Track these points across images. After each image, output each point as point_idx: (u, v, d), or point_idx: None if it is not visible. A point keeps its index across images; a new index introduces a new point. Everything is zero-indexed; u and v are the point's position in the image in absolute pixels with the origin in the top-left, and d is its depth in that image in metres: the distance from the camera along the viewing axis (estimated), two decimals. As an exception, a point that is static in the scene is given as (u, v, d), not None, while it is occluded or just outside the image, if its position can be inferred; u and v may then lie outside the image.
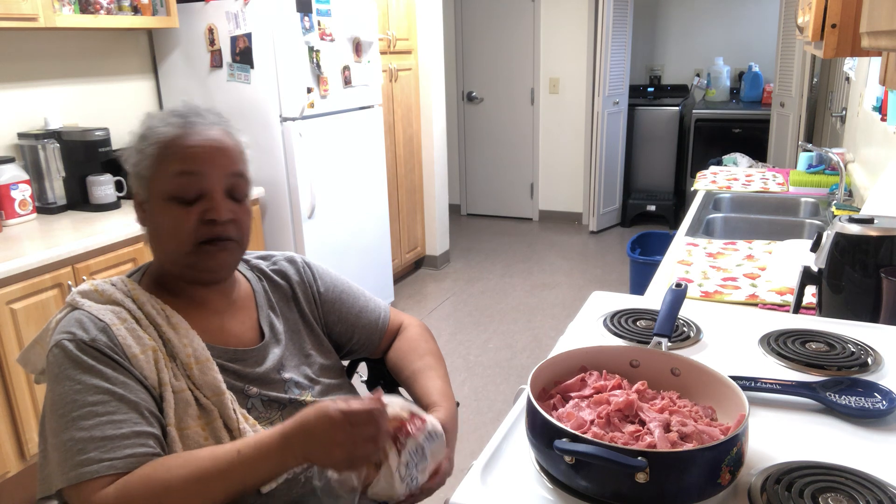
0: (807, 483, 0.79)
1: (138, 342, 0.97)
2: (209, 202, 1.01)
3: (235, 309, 1.12)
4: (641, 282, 3.18)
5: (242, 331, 1.11)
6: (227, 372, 1.04)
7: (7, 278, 2.00)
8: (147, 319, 1.01)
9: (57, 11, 2.37)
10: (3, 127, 2.58)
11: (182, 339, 1.01)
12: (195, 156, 1.00)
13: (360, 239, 3.50)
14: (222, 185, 1.02)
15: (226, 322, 1.10)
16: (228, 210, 1.02)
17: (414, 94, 4.19)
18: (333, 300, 1.24)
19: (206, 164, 1.01)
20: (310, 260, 1.28)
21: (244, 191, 1.07)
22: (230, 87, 2.99)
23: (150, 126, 1.03)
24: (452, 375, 3.14)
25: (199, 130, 1.02)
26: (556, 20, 5.31)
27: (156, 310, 1.02)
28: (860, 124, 2.89)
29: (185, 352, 1.00)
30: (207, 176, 1.01)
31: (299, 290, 1.21)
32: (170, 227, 1.02)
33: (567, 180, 5.64)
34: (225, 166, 1.03)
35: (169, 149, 1.00)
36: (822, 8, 1.28)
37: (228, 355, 1.06)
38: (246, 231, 1.08)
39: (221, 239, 1.03)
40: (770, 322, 1.28)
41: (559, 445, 0.77)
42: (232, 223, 1.03)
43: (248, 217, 1.08)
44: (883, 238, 1.28)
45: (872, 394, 0.99)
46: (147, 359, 0.97)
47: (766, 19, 5.42)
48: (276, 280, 1.21)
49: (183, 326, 1.02)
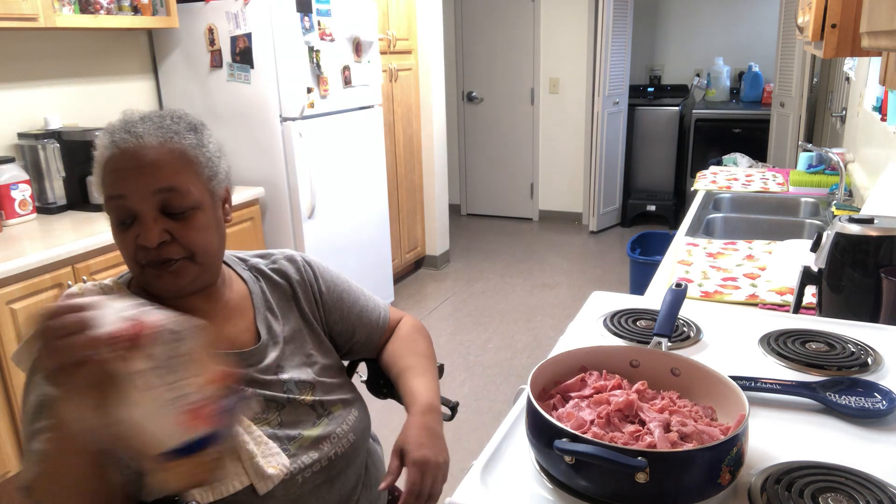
0: (807, 483, 0.79)
1: None
2: (140, 226, 0.95)
3: (228, 313, 1.09)
4: (641, 282, 3.18)
5: (237, 333, 1.09)
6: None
7: (7, 278, 2.00)
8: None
9: (57, 11, 2.37)
10: (3, 127, 2.58)
11: None
12: (118, 179, 0.95)
13: (360, 239, 3.50)
14: (152, 205, 0.95)
15: (218, 326, 1.07)
16: (161, 232, 0.95)
17: (414, 94, 4.19)
18: (335, 299, 1.23)
19: (129, 185, 0.94)
20: (310, 258, 1.26)
21: (183, 204, 0.97)
22: (230, 87, 2.99)
23: (95, 145, 0.99)
24: (452, 375, 3.14)
25: (125, 148, 0.95)
26: (556, 20, 5.31)
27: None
28: (860, 124, 2.89)
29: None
30: (130, 197, 0.94)
31: (300, 289, 1.20)
32: (119, 249, 1.00)
33: (567, 180, 5.64)
34: (150, 184, 0.94)
35: (102, 173, 0.97)
36: (822, 8, 1.28)
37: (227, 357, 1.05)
38: (200, 248, 0.99)
39: (161, 262, 0.97)
40: (770, 322, 1.28)
41: (559, 445, 0.77)
42: (170, 244, 0.97)
43: (196, 233, 0.98)
44: (883, 238, 1.28)
45: (872, 394, 0.99)
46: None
47: (766, 19, 5.42)
48: (276, 280, 1.19)
49: None
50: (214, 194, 1.03)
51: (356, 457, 1.14)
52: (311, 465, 1.04)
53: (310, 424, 1.08)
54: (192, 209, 0.98)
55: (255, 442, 0.99)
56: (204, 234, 1.00)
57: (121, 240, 0.98)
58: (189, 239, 0.98)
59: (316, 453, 1.05)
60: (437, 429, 1.09)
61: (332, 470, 1.08)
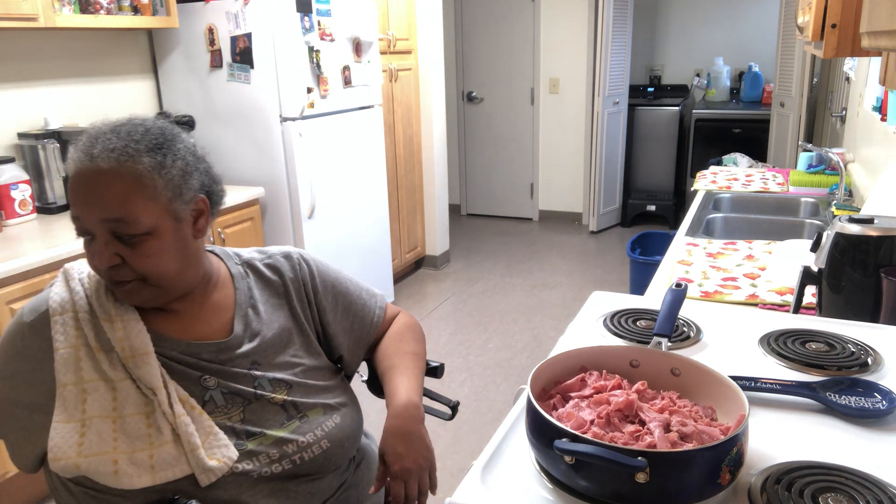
0: (807, 483, 0.79)
1: (66, 337, 1.00)
2: (95, 246, 0.98)
3: (207, 311, 1.10)
4: (641, 282, 3.19)
5: (211, 331, 1.09)
6: (180, 363, 1.03)
7: (7, 278, 2.00)
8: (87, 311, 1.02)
9: (57, 11, 2.37)
10: (3, 127, 2.58)
11: (118, 331, 1.01)
12: (74, 200, 0.97)
13: (360, 239, 3.50)
14: (103, 230, 0.96)
15: (193, 324, 1.08)
16: (112, 255, 0.96)
17: (414, 94, 4.19)
18: (329, 299, 1.21)
19: (81, 208, 0.96)
20: (308, 255, 1.24)
21: (131, 232, 0.96)
22: (230, 87, 3.00)
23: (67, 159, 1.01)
24: (452, 375, 3.14)
25: (81, 171, 0.95)
26: (556, 20, 5.31)
27: (100, 301, 1.03)
28: (860, 124, 2.89)
29: (121, 345, 1.00)
30: (85, 220, 0.97)
31: (292, 286, 1.18)
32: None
33: (567, 180, 5.64)
34: (97, 213, 0.95)
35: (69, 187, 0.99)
36: (822, 8, 1.28)
37: (182, 347, 1.05)
38: (152, 272, 0.98)
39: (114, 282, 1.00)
40: (770, 322, 1.28)
41: (559, 445, 0.77)
42: (122, 267, 0.98)
43: (148, 260, 0.98)
44: (883, 238, 1.28)
45: (872, 394, 0.99)
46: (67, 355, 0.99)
47: (766, 19, 5.42)
48: (267, 275, 1.18)
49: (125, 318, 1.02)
50: (177, 215, 1.00)
51: (332, 465, 1.10)
52: (270, 465, 1.02)
53: (277, 425, 1.05)
54: (143, 235, 0.97)
55: (204, 432, 0.99)
56: (156, 260, 0.98)
57: (88, 255, 1.01)
58: (140, 265, 0.98)
59: (277, 454, 1.03)
60: (414, 428, 1.07)
61: (296, 474, 1.05)
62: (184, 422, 0.98)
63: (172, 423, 0.98)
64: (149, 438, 0.96)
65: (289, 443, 1.04)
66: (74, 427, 0.95)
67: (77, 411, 0.96)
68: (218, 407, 1.03)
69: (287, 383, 1.10)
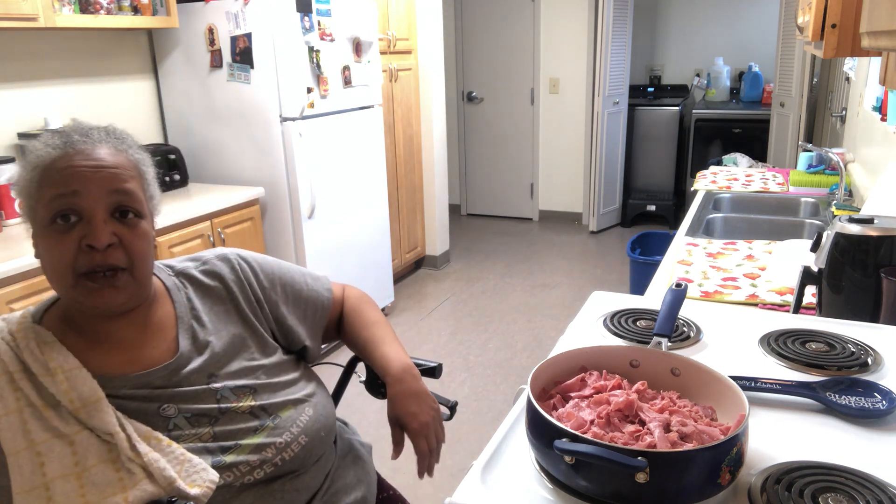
0: (807, 483, 0.79)
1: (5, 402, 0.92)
2: (87, 226, 0.92)
3: (150, 334, 1.05)
4: (641, 282, 3.19)
5: (158, 354, 1.03)
6: (134, 400, 0.98)
7: (7, 278, 2.00)
8: (22, 370, 0.94)
9: (57, 11, 2.37)
10: (3, 127, 2.58)
11: (61, 384, 0.93)
12: (71, 176, 0.93)
13: (360, 239, 3.50)
14: (104, 206, 0.94)
15: (138, 351, 1.02)
16: (110, 233, 0.93)
17: (414, 94, 4.19)
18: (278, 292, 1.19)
19: (82, 182, 0.93)
20: (245, 253, 1.20)
21: (135, 209, 0.96)
22: (230, 87, 3.00)
23: (32, 149, 0.96)
24: (452, 375, 3.14)
25: (81, 150, 0.95)
26: (556, 20, 5.31)
27: (33, 356, 0.95)
28: (860, 124, 2.89)
29: (67, 398, 0.93)
30: (83, 195, 0.92)
31: (236, 288, 1.14)
32: (49, 257, 0.94)
33: (567, 180, 5.64)
34: (107, 184, 0.94)
35: (46, 172, 0.94)
36: (822, 8, 1.28)
37: (132, 382, 0.99)
38: (140, 257, 0.97)
39: (103, 270, 0.94)
40: (770, 322, 1.28)
41: (559, 445, 0.77)
42: (117, 248, 0.94)
43: (141, 241, 0.97)
44: (883, 238, 1.28)
45: (872, 394, 0.99)
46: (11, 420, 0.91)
47: (766, 19, 5.42)
48: (206, 283, 1.13)
49: (65, 369, 0.94)
50: (152, 214, 1.03)
51: (313, 458, 1.09)
52: (252, 472, 1.00)
53: (250, 433, 1.02)
54: (139, 215, 0.98)
55: (177, 461, 0.94)
56: (146, 244, 0.99)
57: (57, 244, 0.93)
58: (134, 245, 0.96)
59: (257, 460, 1.00)
60: (418, 387, 1.14)
61: (279, 474, 1.03)
62: (153, 458, 0.93)
63: (140, 463, 0.93)
64: (121, 482, 0.91)
65: (267, 447, 1.02)
66: (39, 493, 0.89)
67: (37, 476, 0.89)
68: (185, 432, 0.99)
69: (251, 388, 1.07)
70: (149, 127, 3.19)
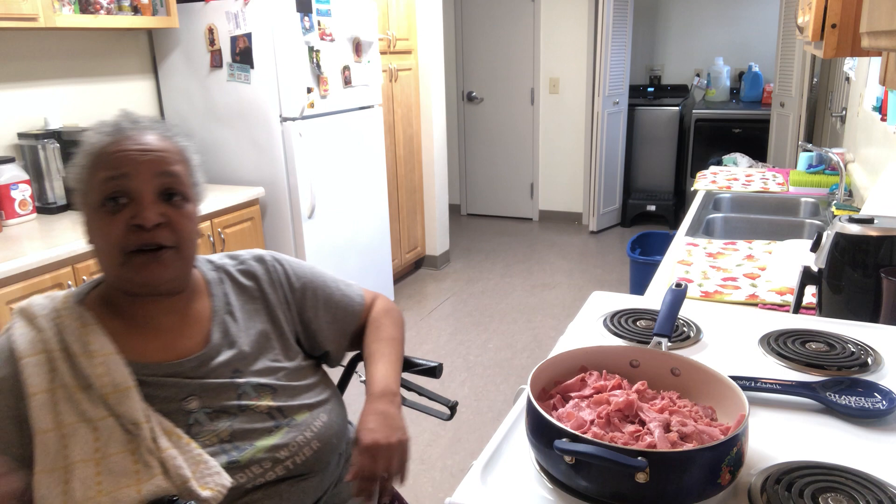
0: (807, 483, 0.79)
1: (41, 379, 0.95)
2: (136, 207, 0.97)
3: (188, 323, 1.08)
4: (641, 282, 3.19)
5: (192, 345, 1.06)
6: (164, 388, 1.00)
7: (7, 278, 2.00)
8: (61, 350, 0.97)
9: (57, 11, 2.37)
10: (3, 127, 2.58)
11: (98, 367, 0.96)
12: (121, 159, 0.97)
13: (360, 239, 3.50)
14: (152, 187, 0.98)
15: (173, 340, 1.05)
16: (158, 213, 0.97)
17: (414, 94, 4.19)
18: (308, 297, 1.20)
19: (132, 165, 0.97)
20: (280, 255, 1.23)
21: (181, 191, 1.01)
22: (230, 87, 2.99)
23: (85, 139, 1.01)
24: (452, 375, 3.14)
25: (130, 135, 0.99)
26: (556, 20, 5.31)
27: (74, 336, 0.98)
28: (860, 124, 2.89)
29: (101, 381, 0.96)
30: (133, 177, 0.97)
31: (269, 289, 1.17)
32: (99, 238, 0.99)
33: (567, 180, 5.64)
34: (154, 166, 0.98)
35: (98, 157, 0.98)
36: (822, 8, 1.28)
37: (164, 370, 1.02)
38: (186, 237, 1.01)
39: (151, 248, 0.97)
40: (770, 322, 1.28)
41: (559, 445, 0.77)
42: (164, 228, 0.98)
43: (188, 222, 1.02)
44: (883, 238, 1.28)
45: (872, 394, 0.99)
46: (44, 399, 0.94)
47: (766, 19, 5.42)
48: (242, 281, 1.16)
49: (103, 353, 0.98)
50: (196, 200, 1.07)
51: (322, 464, 1.10)
52: (264, 474, 1.01)
53: (265, 434, 1.04)
54: (185, 197, 1.02)
55: (193, 462, 0.96)
56: (192, 225, 1.04)
57: (107, 225, 0.97)
58: (181, 226, 1.00)
59: (269, 462, 1.02)
60: (390, 410, 1.09)
61: (289, 478, 1.04)
62: (171, 455, 0.95)
63: (159, 458, 0.95)
64: (136, 475, 0.93)
65: (280, 449, 1.03)
66: (58, 476, 0.91)
67: (59, 458, 0.92)
68: (204, 428, 1.01)
69: (271, 388, 1.08)
70: (149, 127, 3.19)
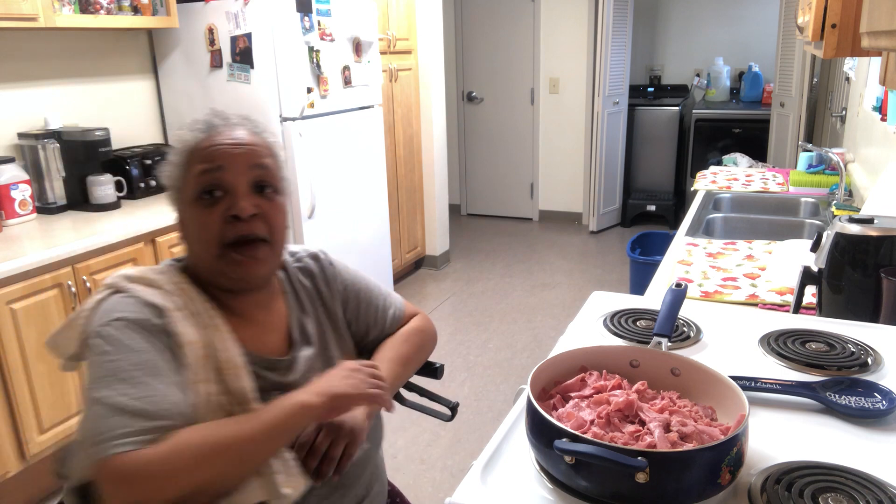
0: (807, 483, 0.79)
1: (190, 332, 0.96)
2: (231, 198, 0.99)
3: (272, 317, 1.09)
4: (641, 282, 3.18)
5: (276, 340, 1.08)
6: (261, 379, 1.01)
7: (7, 278, 2.00)
8: (193, 314, 0.98)
9: (57, 11, 2.37)
10: (3, 127, 2.58)
11: (222, 342, 0.98)
12: (216, 153, 0.99)
13: (361, 239, 3.50)
14: (246, 180, 1.00)
15: (262, 331, 1.07)
16: (253, 205, 0.99)
17: (414, 94, 4.19)
18: (352, 299, 1.22)
19: (226, 158, 0.99)
20: (331, 256, 1.25)
21: (272, 183, 1.03)
22: (230, 87, 2.99)
23: (178, 137, 1.03)
24: (452, 375, 3.14)
25: (223, 131, 1.02)
26: (556, 20, 5.31)
27: (203, 307, 1.00)
28: (860, 124, 2.89)
29: (223, 356, 0.97)
30: (227, 169, 0.99)
31: (324, 287, 1.19)
32: (196, 230, 1.00)
33: (567, 180, 5.64)
34: (248, 159, 1.01)
35: (192, 153, 1.00)
36: (822, 8, 1.28)
37: (263, 363, 1.03)
38: (279, 230, 1.04)
39: (248, 240, 0.99)
40: (770, 322, 1.28)
41: (559, 445, 0.77)
42: (258, 219, 1.00)
43: (279, 214, 1.04)
44: (883, 238, 1.28)
45: (872, 394, 0.99)
46: (196, 350, 0.95)
47: (766, 19, 5.42)
48: (301, 279, 1.17)
49: (224, 329, 1.00)
50: (286, 193, 1.09)
51: (367, 466, 1.11)
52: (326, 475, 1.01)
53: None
54: (276, 190, 1.04)
55: (279, 457, 0.95)
56: (283, 217, 1.06)
57: (204, 217, 0.99)
58: (274, 218, 1.02)
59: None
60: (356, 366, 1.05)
61: (344, 480, 1.05)
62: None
63: None
64: None
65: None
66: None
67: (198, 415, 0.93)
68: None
69: None
70: (149, 127, 3.19)
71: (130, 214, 2.55)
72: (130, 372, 0.88)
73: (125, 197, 2.74)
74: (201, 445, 0.85)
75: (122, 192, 2.70)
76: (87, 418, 0.87)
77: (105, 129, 2.68)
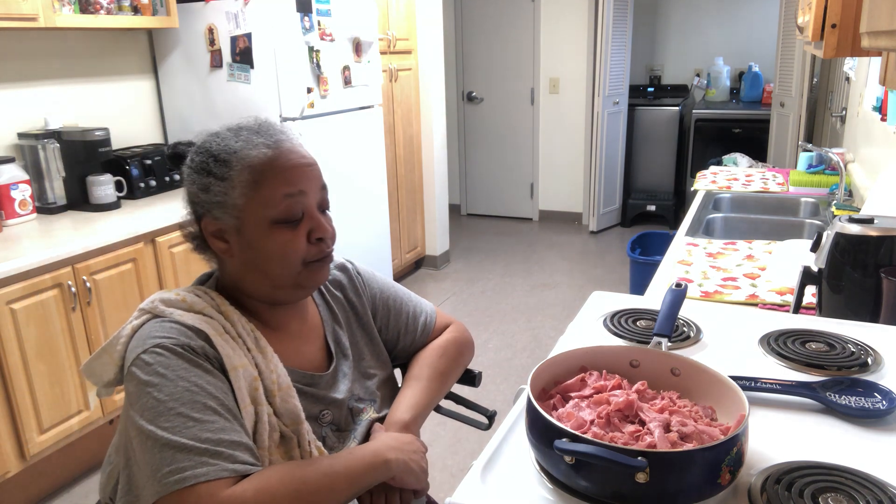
0: (807, 483, 0.79)
1: (237, 356, 0.94)
2: (311, 220, 0.99)
3: (307, 330, 1.09)
4: (641, 282, 3.18)
5: (314, 351, 1.08)
6: (304, 396, 1.01)
7: (7, 278, 2.00)
8: (237, 337, 0.97)
9: (57, 11, 2.37)
10: (3, 127, 2.58)
11: (268, 363, 0.97)
12: (296, 176, 0.97)
13: (360, 239, 3.50)
14: (316, 201, 1.00)
15: (300, 344, 1.06)
16: (329, 225, 1.01)
17: (414, 94, 4.19)
18: (382, 308, 1.21)
19: (307, 181, 0.98)
20: (359, 265, 1.23)
21: (328, 201, 1.04)
22: (230, 87, 2.99)
23: (230, 150, 0.97)
24: (452, 375, 3.14)
25: (290, 147, 0.99)
26: (556, 20, 5.31)
27: (246, 330, 0.98)
28: (860, 124, 2.89)
29: (271, 378, 0.96)
30: (308, 194, 0.98)
31: (355, 298, 1.18)
32: (278, 251, 0.97)
33: (567, 180, 5.64)
34: (317, 181, 1.01)
35: (267, 173, 0.96)
36: (822, 8, 1.28)
37: (306, 379, 1.03)
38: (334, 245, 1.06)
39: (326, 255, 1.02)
40: (770, 322, 1.28)
41: (559, 445, 0.77)
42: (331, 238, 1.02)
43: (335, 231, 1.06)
44: (883, 238, 1.28)
45: (872, 394, 0.99)
46: (245, 375, 0.93)
47: (766, 19, 5.42)
48: (333, 292, 1.16)
49: (269, 350, 0.98)
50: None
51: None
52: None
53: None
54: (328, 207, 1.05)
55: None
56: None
57: (287, 238, 0.97)
58: (334, 233, 1.03)
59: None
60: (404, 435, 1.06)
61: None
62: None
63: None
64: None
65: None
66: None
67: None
68: (331, 444, 1.03)
69: (371, 400, 1.10)
70: (149, 127, 3.19)
71: (130, 214, 2.55)
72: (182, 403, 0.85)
73: (125, 197, 2.74)
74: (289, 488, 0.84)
75: (122, 192, 2.70)
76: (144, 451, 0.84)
77: (105, 129, 2.68)
